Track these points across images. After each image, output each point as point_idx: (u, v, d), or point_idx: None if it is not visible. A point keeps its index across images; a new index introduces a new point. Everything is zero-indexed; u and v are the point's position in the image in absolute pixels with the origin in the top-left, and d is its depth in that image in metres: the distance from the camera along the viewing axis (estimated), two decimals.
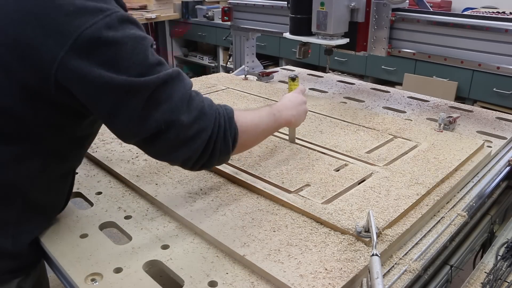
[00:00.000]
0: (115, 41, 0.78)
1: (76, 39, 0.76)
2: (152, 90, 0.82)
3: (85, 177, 1.24)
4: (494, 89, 2.95)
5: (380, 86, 2.16)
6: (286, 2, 2.02)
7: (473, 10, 3.36)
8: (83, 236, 0.98)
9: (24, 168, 0.88)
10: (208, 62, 4.87)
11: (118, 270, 0.88)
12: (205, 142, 0.88)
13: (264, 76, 2.25)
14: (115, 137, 0.90)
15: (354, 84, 2.19)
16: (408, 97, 1.96)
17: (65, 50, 0.76)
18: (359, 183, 1.15)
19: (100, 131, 1.04)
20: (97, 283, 0.85)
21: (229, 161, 1.06)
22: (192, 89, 0.90)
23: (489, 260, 1.08)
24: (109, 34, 0.77)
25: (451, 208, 1.13)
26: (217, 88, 1.99)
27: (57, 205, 1.02)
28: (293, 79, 1.43)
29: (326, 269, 0.85)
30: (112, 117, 0.83)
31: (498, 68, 1.55)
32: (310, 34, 1.81)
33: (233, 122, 0.94)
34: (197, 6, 4.81)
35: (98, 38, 0.77)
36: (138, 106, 0.81)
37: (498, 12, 3.11)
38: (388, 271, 0.90)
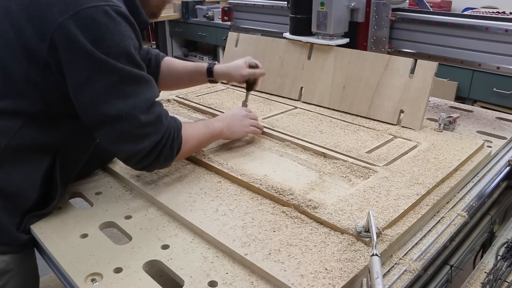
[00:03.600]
0: (106, 27, 0.90)
1: (77, 12, 0.88)
2: (122, 78, 0.93)
3: (85, 177, 1.24)
4: (494, 89, 2.95)
5: None
6: (286, 2, 2.02)
7: (473, 10, 3.37)
8: (83, 236, 0.98)
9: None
10: (208, 62, 4.88)
11: (118, 270, 0.88)
12: (153, 144, 1.00)
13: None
14: None
15: None
16: None
17: (65, 17, 0.88)
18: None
19: None
20: (97, 283, 0.85)
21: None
22: (157, 100, 1.03)
23: (489, 260, 1.08)
24: (103, 19, 0.90)
25: (451, 208, 1.13)
26: (217, 88, 1.99)
27: (25, 193, 0.99)
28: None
29: (326, 269, 0.85)
30: (80, 89, 0.93)
31: (498, 68, 1.55)
32: (310, 34, 1.81)
33: (180, 134, 1.08)
34: (197, 6, 4.81)
35: (94, 19, 0.89)
36: (105, 86, 0.92)
37: (498, 12, 3.12)
38: (388, 271, 0.90)
